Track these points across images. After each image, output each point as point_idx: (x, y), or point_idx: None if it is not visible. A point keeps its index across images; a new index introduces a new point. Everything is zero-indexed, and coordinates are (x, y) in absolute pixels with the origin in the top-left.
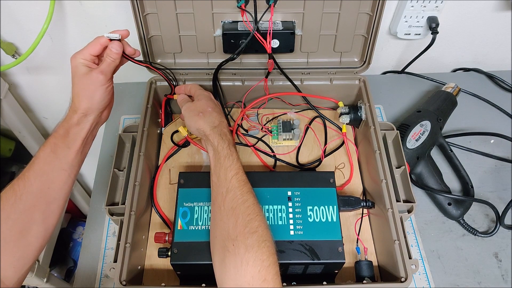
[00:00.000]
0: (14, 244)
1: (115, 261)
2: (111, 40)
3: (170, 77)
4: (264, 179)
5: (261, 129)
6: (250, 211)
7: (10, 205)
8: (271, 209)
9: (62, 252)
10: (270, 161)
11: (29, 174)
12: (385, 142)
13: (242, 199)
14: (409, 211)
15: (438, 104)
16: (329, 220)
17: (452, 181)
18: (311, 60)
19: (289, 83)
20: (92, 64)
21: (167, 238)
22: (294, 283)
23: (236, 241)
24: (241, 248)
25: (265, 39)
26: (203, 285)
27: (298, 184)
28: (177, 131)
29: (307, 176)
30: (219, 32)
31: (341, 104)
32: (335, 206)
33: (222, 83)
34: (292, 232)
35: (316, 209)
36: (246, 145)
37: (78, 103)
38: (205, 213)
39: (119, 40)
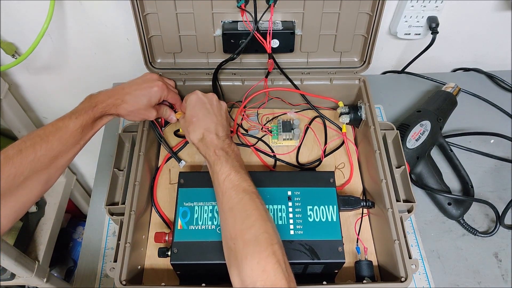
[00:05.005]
0: (16, 198)
1: (115, 261)
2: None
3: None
4: (264, 179)
5: (261, 129)
6: (247, 208)
7: (29, 162)
8: (271, 209)
9: (62, 252)
10: (270, 161)
11: (54, 140)
12: (385, 142)
13: (237, 198)
14: (409, 211)
15: (438, 104)
16: (329, 220)
17: (452, 181)
18: (311, 60)
19: (289, 83)
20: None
21: (167, 238)
22: None
23: (236, 239)
24: (240, 245)
25: (265, 39)
26: (203, 285)
27: (298, 184)
28: (178, 130)
29: (307, 176)
30: (219, 32)
31: (341, 104)
32: (335, 206)
33: (222, 83)
34: (292, 232)
35: (316, 209)
36: (246, 145)
37: (126, 105)
38: (205, 213)
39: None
